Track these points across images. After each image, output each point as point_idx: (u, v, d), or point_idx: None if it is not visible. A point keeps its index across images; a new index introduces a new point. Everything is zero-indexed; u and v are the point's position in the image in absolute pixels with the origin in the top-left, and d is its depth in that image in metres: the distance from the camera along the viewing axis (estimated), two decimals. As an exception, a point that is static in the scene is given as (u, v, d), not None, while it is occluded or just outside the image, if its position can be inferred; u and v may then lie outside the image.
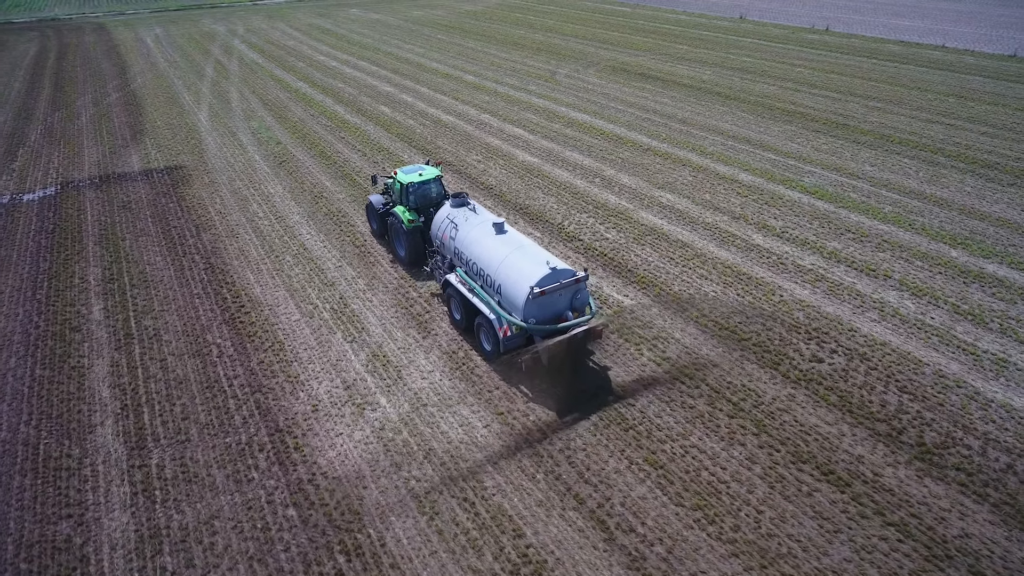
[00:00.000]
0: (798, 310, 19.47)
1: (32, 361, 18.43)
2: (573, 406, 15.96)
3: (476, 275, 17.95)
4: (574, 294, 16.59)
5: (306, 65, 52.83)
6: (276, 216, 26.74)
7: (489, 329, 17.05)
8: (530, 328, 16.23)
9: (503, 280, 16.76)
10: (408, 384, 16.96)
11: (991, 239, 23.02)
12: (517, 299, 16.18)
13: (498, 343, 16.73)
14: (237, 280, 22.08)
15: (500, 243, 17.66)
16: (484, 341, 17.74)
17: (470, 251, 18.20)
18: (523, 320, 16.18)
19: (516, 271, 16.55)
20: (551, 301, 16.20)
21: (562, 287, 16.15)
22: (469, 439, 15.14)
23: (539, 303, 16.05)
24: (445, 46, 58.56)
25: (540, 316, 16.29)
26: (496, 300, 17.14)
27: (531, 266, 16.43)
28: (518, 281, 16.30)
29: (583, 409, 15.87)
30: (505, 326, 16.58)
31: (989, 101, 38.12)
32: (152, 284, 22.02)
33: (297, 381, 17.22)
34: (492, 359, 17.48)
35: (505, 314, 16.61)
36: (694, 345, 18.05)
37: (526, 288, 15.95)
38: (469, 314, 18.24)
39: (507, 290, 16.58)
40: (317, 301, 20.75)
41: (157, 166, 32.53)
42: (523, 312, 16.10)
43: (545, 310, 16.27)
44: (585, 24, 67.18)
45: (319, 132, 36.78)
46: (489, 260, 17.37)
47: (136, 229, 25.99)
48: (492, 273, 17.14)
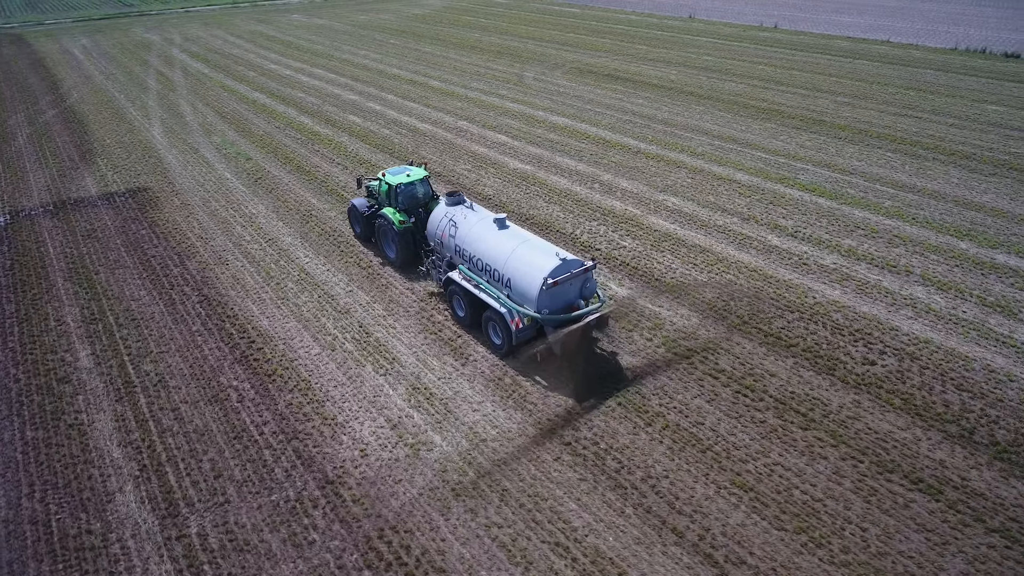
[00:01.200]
0: (835, 311, 19.31)
1: (19, 421, 16.19)
2: (642, 428, 15.17)
3: (482, 271, 18.00)
4: (583, 283, 17.01)
5: (258, 74, 50.14)
6: (266, 239, 24.83)
7: (500, 322, 17.18)
8: (544, 319, 16.43)
9: (512, 273, 16.93)
10: (459, 418, 15.74)
11: (992, 229, 23.62)
12: (530, 291, 16.40)
13: (510, 336, 16.90)
14: (239, 313, 20.24)
15: (505, 238, 17.78)
16: (493, 335, 17.86)
17: (473, 247, 18.22)
18: (536, 311, 16.37)
19: (526, 264, 16.73)
20: (563, 291, 16.53)
21: (572, 277, 16.51)
22: (542, 474, 14.10)
23: (552, 294, 16.30)
24: (401, 51, 56.86)
25: (552, 306, 16.55)
26: (506, 293, 17.27)
27: (541, 258, 16.65)
28: (529, 273, 16.50)
29: (652, 431, 15.09)
30: (517, 318, 16.71)
31: (946, 93, 39.67)
32: (142, 323, 19.90)
33: (335, 423, 15.73)
34: (503, 352, 17.65)
35: (517, 306, 16.81)
36: (744, 355, 17.56)
37: (539, 279, 16.15)
38: (475, 310, 18.36)
39: (518, 283, 16.78)
40: (335, 331, 19.20)
41: (117, 189, 29.85)
42: (536, 303, 16.32)
43: (557, 300, 16.58)
44: (539, 26, 66.71)
45: (290, 145, 34.71)
46: (495, 255, 17.49)
47: (109, 260, 23.59)
48: (500, 267, 17.29)
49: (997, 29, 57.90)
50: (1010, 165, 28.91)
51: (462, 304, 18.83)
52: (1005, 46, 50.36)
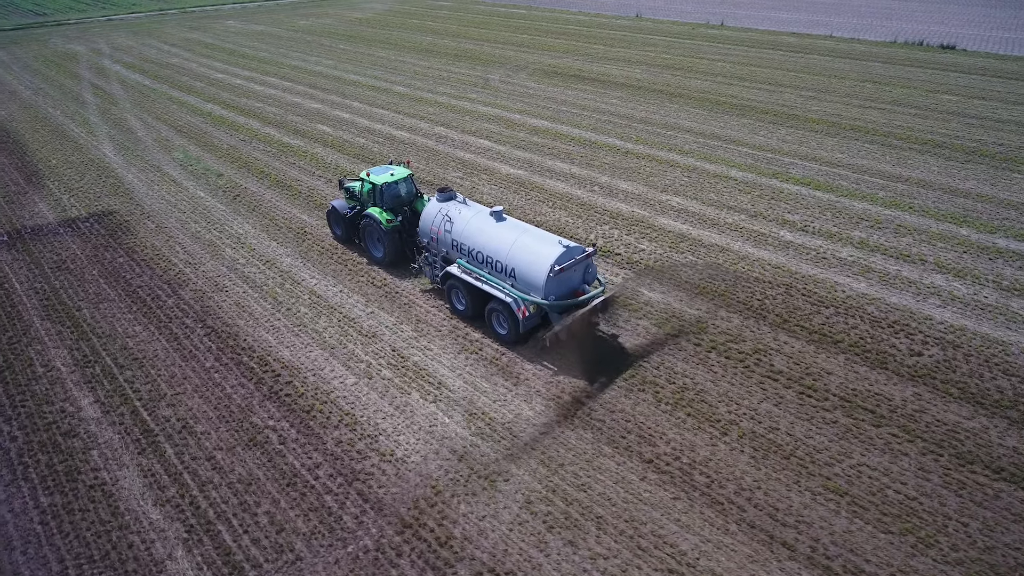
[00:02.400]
0: (867, 304, 19.52)
1: (29, 486, 14.27)
2: (718, 438, 14.75)
3: (482, 263, 18.31)
4: (585, 269, 17.62)
5: (206, 84, 47.30)
6: (262, 261, 23.13)
7: (505, 312, 17.59)
8: (551, 305, 16.90)
9: (517, 263, 17.31)
10: (528, 442, 14.89)
11: (985, 215, 24.58)
12: (536, 279, 16.85)
13: (517, 325, 17.35)
14: (255, 344, 18.65)
15: (504, 229, 18.10)
16: (497, 326, 18.22)
17: (472, 241, 18.46)
18: (543, 298, 16.85)
19: (530, 253, 17.17)
20: (567, 277, 17.12)
21: (576, 263, 17.11)
22: (632, 496, 13.45)
23: (558, 280, 16.86)
24: (354, 56, 54.94)
25: (558, 293, 17.13)
26: (510, 283, 17.63)
27: (544, 247, 17.12)
28: (535, 262, 16.93)
29: (729, 441, 14.69)
30: (523, 307, 17.14)
31: (900, 85, 41.44)
32: (146, 362, 18.04)
33: (396, 460, 14.58)
34: (510, 341, 18.03)
35: (523, 295, 17.22)
36: (796, 354, 17.44)
37: (546, 267, 16.62)
38: (477, 302, 18.62)
39: (523, 272, 17.18)
40: (367, 357, 17.94)
41: (78, 214, 27.26)
42: (544, 290, 16.80)
43: (562, 286, 17.20)
44: (489, 28, 65.99)
45: (262, 159, 32.71)
46: (497, 247, 17.84)
47: (89, 294, 21.39)
48: (502, 258, 17.65)
49: (926, 23, 61.21)
50: (979, 152, 30.28)
51: (462, 298, 19.05)
52: (939, 38, 53.22)
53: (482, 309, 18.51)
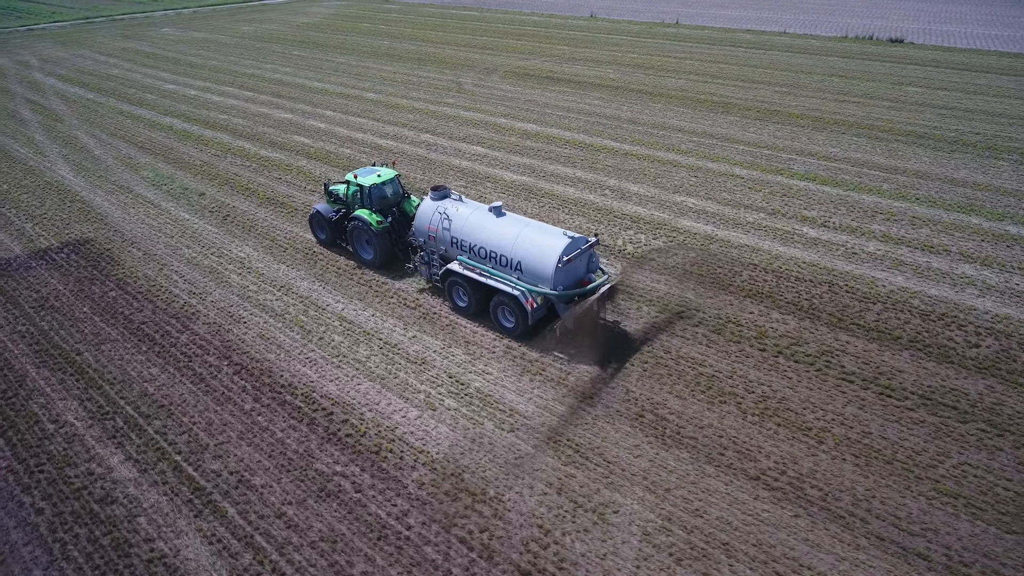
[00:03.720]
0: (911, 298, 19.65)
1: (72, 567, 12.41)
2: (815, 447, 14.35)
3: (485, 258, 18.38)
4: (589, 258, 18.00)
5: (158, 96, 44.18)
6: (276, 286, 21.40)
7: (512, 305, 17.67)
8: (560, 295, 17.15)
9: (523, 256, 17.48)
10: (626, 468, 14.08)
11: (988, 203, 25.35)
12: (544, 270, 17.07)
13: (525, 317, 17.49)
14: (294, 380, 17.08)
15: (506, 224, 18.28)
16: (503, 320, 18.35)
17: (473, 237, 18.54)
18: (552, 288, 17.07)
19: (535, 245, 17.35)
20: (573, 268, 17.44)
21: (581, 253, 17.42)
22: (751, 517, 12.83)
23: (566, 271, 17.17)
24: (313, 63, 52.62)
25: (565, 283, 17.39)
26: (516, 276, 17.76)
27: (549, 239, 17.35)
28: (541, 254, 17.15)
29: (826, 448, 14.30)
30: (531, 299, 17.34)
31: (866, 79, 42.79)
32: (174, 409, 16.22)
33: (490, 499, 13.48)
34: (516, 334, 18.13)
35: (531, 287, 17.38)
36: (862, 354, 17.29)
37: (554, 258, 16.87)
38: (480, 298, 18.72)
39: (529, 264, 17.38)
40: (424, 387, 16.69)
41: (49, 244, 24.63)
42: (553, 281, 17.02)
43: (569, 277, 17.51)
44: (445, 31, 64.66)
45: (243, 174, 30.59)
46: (500, 241, 17.97)
47: (86, 335, 19.20)
48: (507, 252, 17.79)
49: (868, 17, 63.73)
50: (960, 141, 31.43)
51: (463, 295, 19.15)
52: (885, 32, 55.48)
53: (485, 305, 18.67)
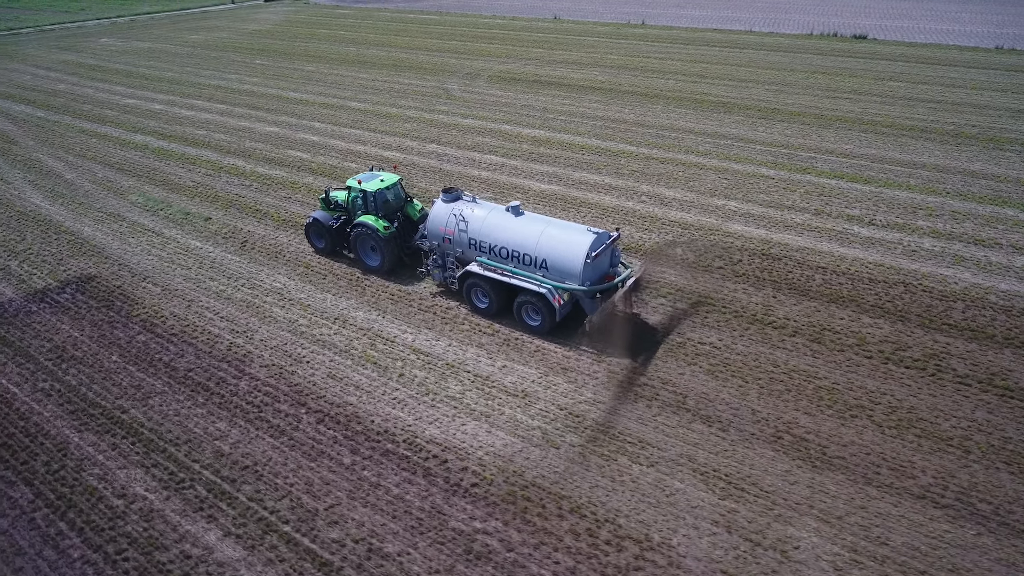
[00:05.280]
0: (986, 294, 19.65)
1: (203, 674, 10.50)
2: (962, 455, 13.89)
3: (507, 258, 18.33)
4: (611, 253, 18.14)
5: (119, 113, 40.67)
6: (330, 318, 19.53)
7: (540, 303, 17.68)
8: (589, 289, 17.23)
9: (548, 253, 17.55)
10: (791, 499, 13.18)
11: (1015, 194, 25.75)
12: (573, 267, 17.18)
13: (553, 314, 17.57)
14: (389, 425, 15.41)
15: (528, 223, 18.38)
16: (528, 319, 18.37)
17: (493, 237, 18.51)
18: (581, 284, 17.14)
19: (562, 242, 17.50)
20: (599, 263, 17.66)
21: (605, 248, 17.64)
22: (937, 540, 12.17)
23: (593, 266, 17.32)
24: (281, 72, 49.82)
25: (592, 278, 17.53)
26: (541, 274, 17.77)
27: (575, 235, 17.59)
28: (568, 251, 17.29)
29: (956, 447, 13.87)
30: (557, 295, 17.39)
31: (849, 75, 43.60)
32: (261, 469, 14.31)
33: (654, 545, 12.33)
34: (543, 331, 18.13)
35: (559, 284, 17.43)
36: (968, 355, 17.03)
37: (582, 254, 17.03)
38: (503, 297, 18.65)
39: (556, 261, 17.46)
40: (537, 423, 15.33)
41: (46, 284, 21.83)
42: (582, 277, 17.12)
43: (596, 272, 17.70)
44: (410, 35, 62.74)
45: (247, 195, 28.23)
46: (523, 240, 17.99)
47: (126, 388, 16.88)
48: (530, 251, 17.83)
49: (824, 14, 65.54)
50: (961, 135, 32.17)
51: (483, 296, 19.00)
52: (847, 29, 57.10)
53: (507, 305, 18.68)
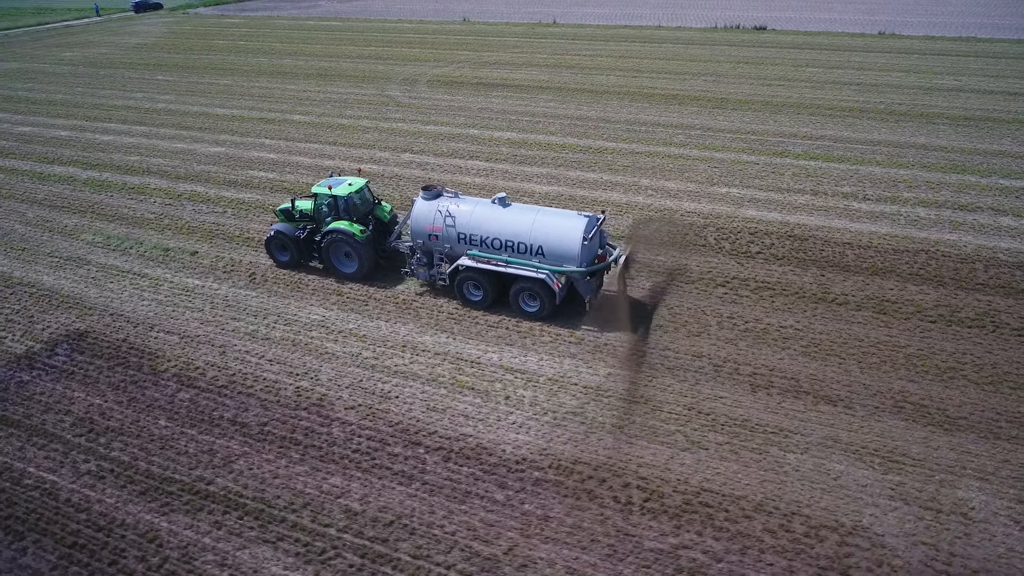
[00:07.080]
0: (996, 254, 21.29)
1: None
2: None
3: (502, 248, 18.75)
4: (600, 234, 18.87)
5: (17, 142, 35.41)
6: (394, 346, 17.90)
7: (539, 288, 18.27)
8: (587, 271, 18.08)
9: (543, 240, 18.13)
10: (944, 462, 13.64)
11: (1016, 167, 27.22)
12: (570, 250, 17.90)
13: (553, 298, 18.18)
14: (522, 452, 14.28)
15: (517, 213, 18.93)
16: (525, 306, 18.84)
17: (483, 230, 18.87)
18: (579, 266, 17.93)
19: (555, 228, 18.16)
20: (592, 245, 18.29)
21: (596, 230, 18.35)
22: None
23: (588, 248, 18.03)
24: (194, 87, 45.53)
25: (587, 260, 18.22)
26: (537, 261, 18.32)
27: (568, 220, 18.34)
28: (563, 236, 17.99)
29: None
30: (556, 280, 18.02)
31: (787, 64, 45.45)
32: (412, 523, 12.73)
33: (852, 531, 12.30)
34: (542, 316, 18.64)
35: (557, 268, 18.09)
36: (1018, 308, 18.50)
37: (579, 237, 17.80)
38: (498, 288, 19.10)
39: (552, 247, 18.08)
40: (675, 427, 14.81)
41: (29, 347, 18.40)
42: (579, 259, 17.87)
43: (591, 254, 18.41)
44: (321, 43, 59.56)
45: (229, 224, 25.39)
46: (516, 229, 18.48)
47: (195, 455, 14.50)
48: (525, 239, 18.35)
49: (720, 8, 69.48)
50: (893, 112, 35.08)
51: (475, 289, 19.25)
52: (748, 21, 60.88)
53: (502, 295, 19.07)
